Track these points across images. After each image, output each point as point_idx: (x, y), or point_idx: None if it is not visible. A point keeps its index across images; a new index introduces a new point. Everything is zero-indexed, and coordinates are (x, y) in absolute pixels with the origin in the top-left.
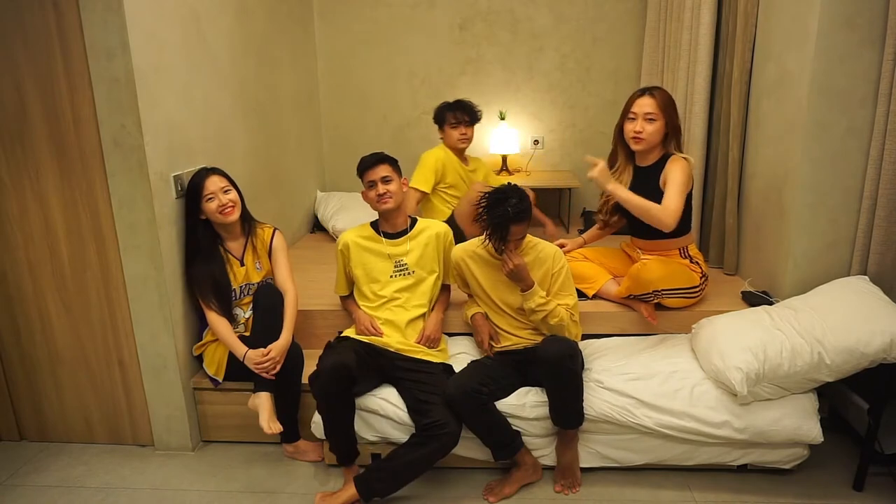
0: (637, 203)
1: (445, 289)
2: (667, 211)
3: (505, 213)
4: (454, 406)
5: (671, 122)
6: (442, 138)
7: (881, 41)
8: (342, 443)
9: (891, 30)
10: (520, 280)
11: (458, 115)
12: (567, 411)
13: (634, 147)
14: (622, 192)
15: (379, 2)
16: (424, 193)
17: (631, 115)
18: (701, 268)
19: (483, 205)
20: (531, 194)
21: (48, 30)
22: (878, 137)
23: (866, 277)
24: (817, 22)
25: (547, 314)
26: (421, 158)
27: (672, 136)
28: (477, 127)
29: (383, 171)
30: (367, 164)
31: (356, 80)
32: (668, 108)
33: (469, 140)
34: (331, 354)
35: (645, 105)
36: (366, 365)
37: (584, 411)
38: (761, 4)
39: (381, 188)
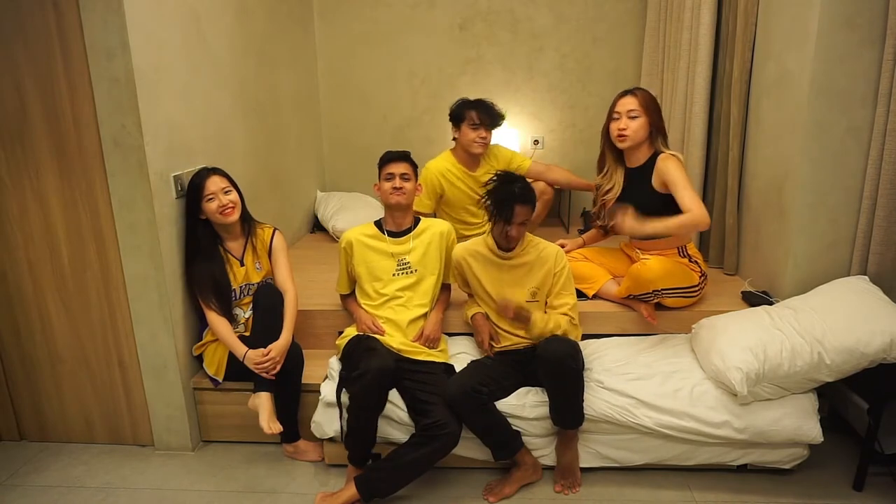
0: (673, 225)
1: (446, 288)
2: (695, 213)
3: (511, 191)
4: (454, 406)
5: (654, 120)
6: (455, 138)
7: (881, 41)
8: (364, 443)
9: (891, 30)
10: (524, 320)
11: (481, 117)
12: (568, 411)
13: (620, 145)
14: (660, 227)
15: (379, 2)
16: (426, 214)
17: (615, 115)
18: (700, 267)
19: (489, 188)
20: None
21: (48, 30)
22: (878, 137)
23: (866, 277)
24: (817, 22)
25: (551, 330)
26: (420, 175)
27: (657, 134)
28: None
29: (405, 168)
30: (392, 156)
31: (356, 80)
32: (650, 106)
33: (486, 145)
34: (373, 357)
35: (627, 103)
36: None
37: (585, 411)
38: (761, 4)
39: (399, 182)
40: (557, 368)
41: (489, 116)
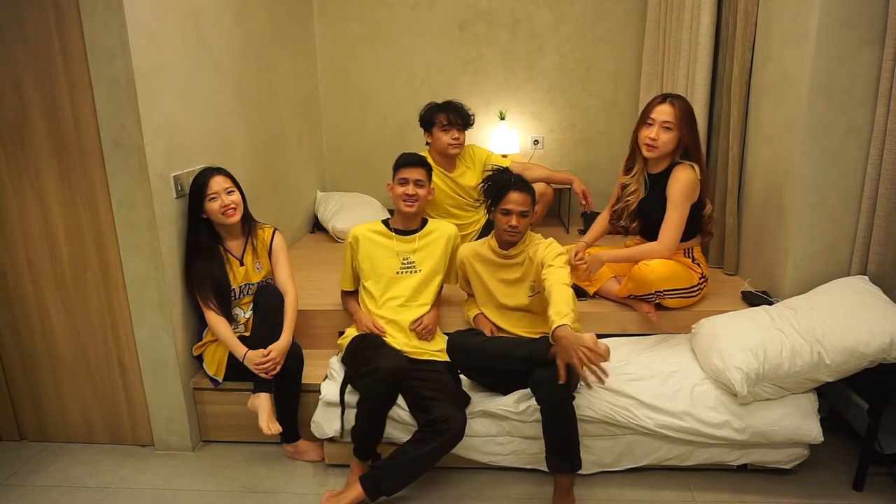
0: (632, 254)
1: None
2: (663, 244)
3: (507, 180)
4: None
5: (685, 135)
6: (429, 143)
7: (881, 41)
8: (371, 438)
9: (891, 30)
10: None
11: (450, 117)
12: (560, 449)
13: (647, 154)
14: (620, 255)
15: (379, 2)
16: None
17: (649, 121)
18: (701, 268)
19: (484, 186)
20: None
21: (48, 30)
22: (878, 137)
23: (866, 277)
24: (817, 22)
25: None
26: None
27: (681, 148)
28: (477, 127)
29: (420, 174)
30: (408, 161)
31: (356, 80)
32: (686, 120)
33: (461, 145)
34: (385, 355)
35: (663, 113)
36: None
37: (585, 413)
38: (761, 4)
39: (412, 189)
40: (549, 392)
41: (459, 116)
